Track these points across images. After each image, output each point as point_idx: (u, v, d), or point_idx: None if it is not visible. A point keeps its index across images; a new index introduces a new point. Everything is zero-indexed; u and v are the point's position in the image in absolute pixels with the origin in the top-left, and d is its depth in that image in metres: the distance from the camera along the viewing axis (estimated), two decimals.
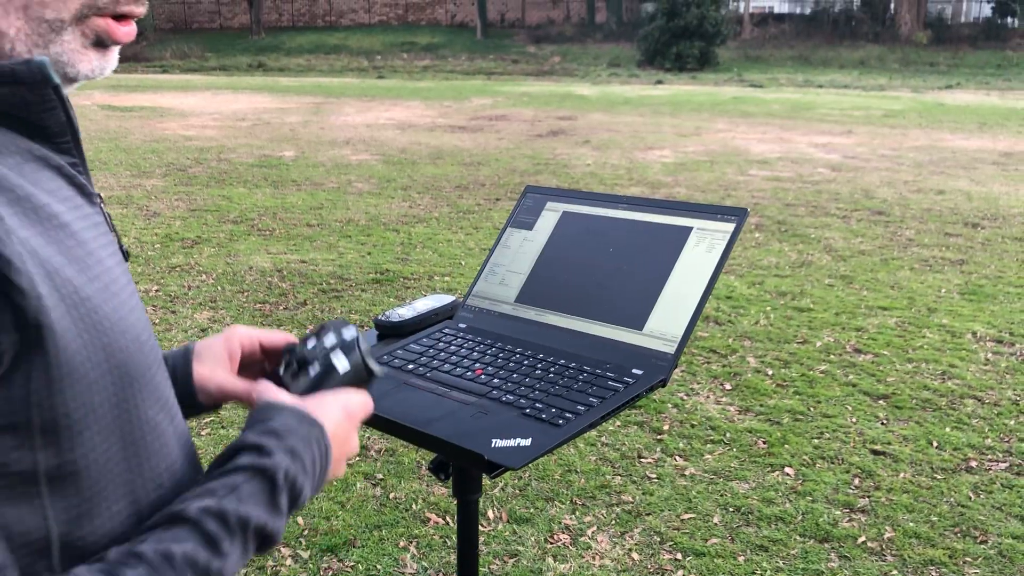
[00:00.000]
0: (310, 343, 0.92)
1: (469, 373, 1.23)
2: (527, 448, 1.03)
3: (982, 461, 3.23)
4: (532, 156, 10.33)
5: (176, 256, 5.83)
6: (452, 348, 1.31)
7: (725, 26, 28.03)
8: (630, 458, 3.22)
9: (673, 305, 1.24)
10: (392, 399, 1.17)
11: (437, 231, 6.64)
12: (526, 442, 1.04)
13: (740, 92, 20.28)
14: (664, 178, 8.99)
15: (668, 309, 1.25)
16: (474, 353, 1.29)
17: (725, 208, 1.29)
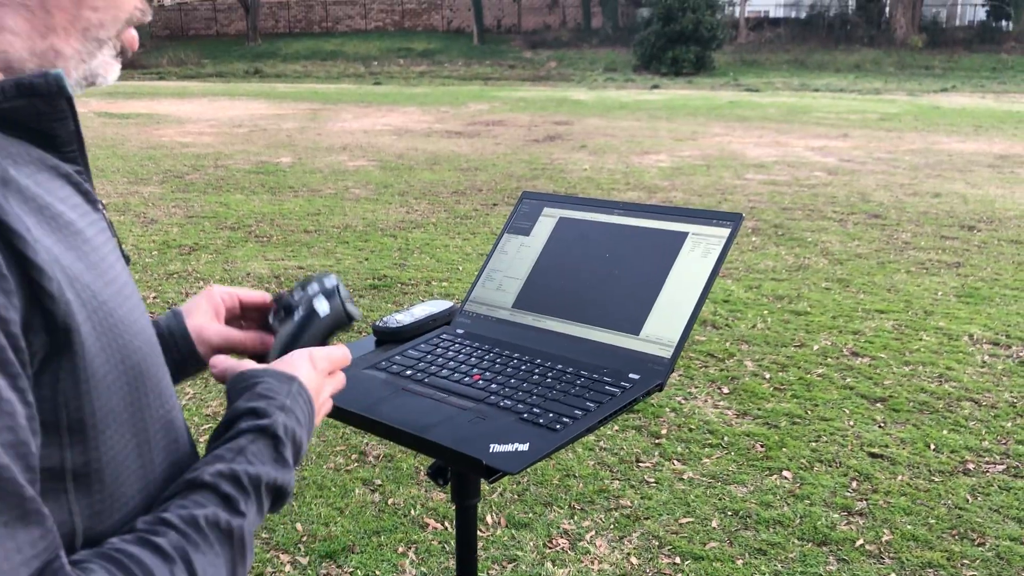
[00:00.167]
0: (296, 293, 1.02)
1: (467, 378, 1.23)
2: (525, 453, 1.03)
3: (979, 463, 3.24)
4: (529, 161, 10.35)
5: (174, 263, 5.83)
6: (450, 354, 1.32)
7: (721, 31, 28.12)
8: (628, 462, 3.23)
9: (669, 310, 1.25)
10: (390, 405, 1.18)
11: (434, 237, 6.64)
12: (524, 447, 1.04)
13: (736, 96, 20.32)
14: (660, 182, 9.01)
15: (664, 314, 1.25)
16: (472, 358, 1.29)
17: (720, 213, 1.30)
